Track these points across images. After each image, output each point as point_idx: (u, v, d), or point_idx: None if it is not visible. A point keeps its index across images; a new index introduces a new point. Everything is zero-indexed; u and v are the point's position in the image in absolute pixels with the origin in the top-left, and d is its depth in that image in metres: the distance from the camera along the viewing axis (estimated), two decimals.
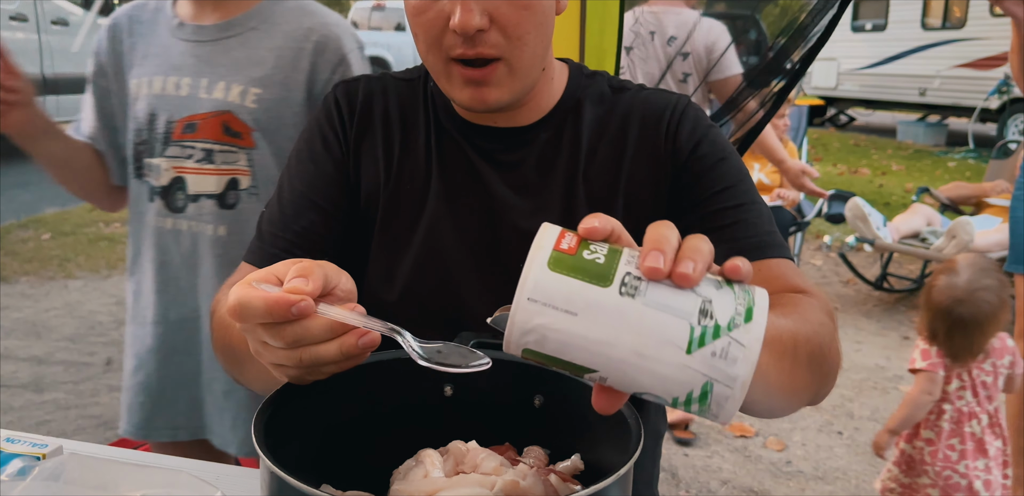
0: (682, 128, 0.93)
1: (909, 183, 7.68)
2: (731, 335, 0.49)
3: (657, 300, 0.50)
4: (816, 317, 0.77)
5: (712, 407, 0.51)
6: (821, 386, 0.79)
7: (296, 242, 0.93)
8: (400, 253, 0.95)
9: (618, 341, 0.50)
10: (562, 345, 0.51)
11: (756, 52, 3.02)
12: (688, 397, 0.51)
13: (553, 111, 0.95)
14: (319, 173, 0.96)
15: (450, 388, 0.78)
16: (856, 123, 13.33)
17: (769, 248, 0.87)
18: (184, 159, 1.34)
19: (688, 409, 0.52)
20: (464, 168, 0.95)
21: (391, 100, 0.99)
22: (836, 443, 2.88)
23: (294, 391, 0.69)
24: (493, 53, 0.83)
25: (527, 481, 0.65)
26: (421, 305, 0.94)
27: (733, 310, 0.50)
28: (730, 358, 0.49)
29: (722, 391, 0.50)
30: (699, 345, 0.49)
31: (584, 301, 0.50)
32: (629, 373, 0.51)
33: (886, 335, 4.04)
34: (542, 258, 0.51)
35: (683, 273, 0.50)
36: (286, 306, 0.58)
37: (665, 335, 0.49)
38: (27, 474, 0.56)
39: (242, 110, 1.32)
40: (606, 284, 0.50)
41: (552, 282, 0.50)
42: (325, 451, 0.73)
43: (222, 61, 1.34)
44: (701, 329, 0.49)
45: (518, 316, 0.51)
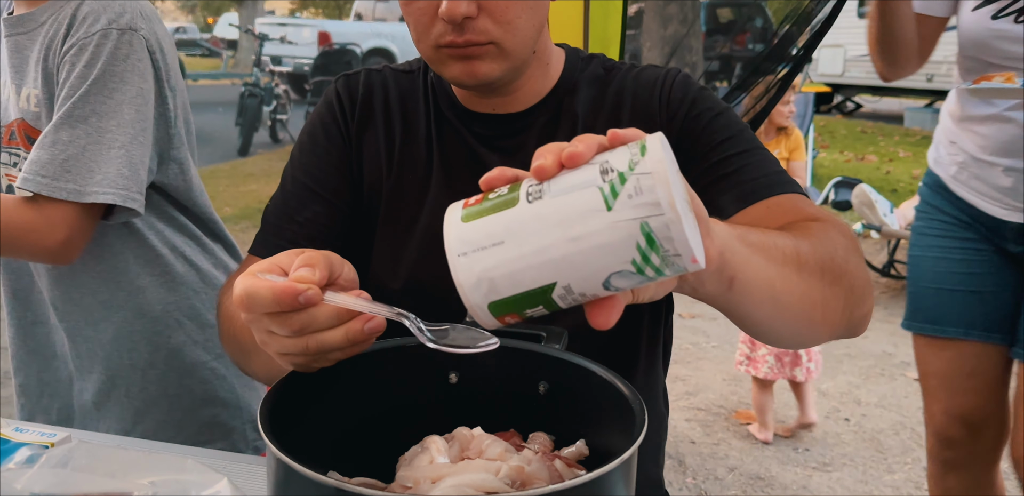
0: (674, 94, 0.93)
1: (916, 169, 7.64)
2: (635, 172, 0.49)
3: (560, 187, 0.51)
4: (826, 234, 0.76)
5: (666, 246, 0.49)
6: (851, 304, 0.76)
7: (301, 233, 0.94)
8: (404, 241, 0.96)
9: (550, 240, 0.50)
10: (511, 277, 0.51)
11: (762, 39, 3.01)
12: (641, 252, 0.50)
13: (550, 95, 0.96)
14: (322, 164, 0.97)
15: (455, 375, 0.78)
16: (863, 110, 13.26)
17: (779, 185, 0.86)
18: (10, 167, 1.24)
19: (653, 266, 0.50)
20: (465, 155, 0.96)
21: (391, 91, 1.00)
22: (843, 430, 2.89)
23: (299, 379, 0.69)
24: (482, 39, 0.83)
25: (532, 466, 0.65)
26: (426, 293, 0.94)
27: (629, 154, 0.50)
28: (645, 189, 0.49)
29: (658, 222, 0.48)
30: (614, 197, 0.49)
31: (503, 228, 0.51)
32: (579, 264, 0.51)
33: (893, 322, 4.01)
34: (454, 218, 0.53)
35: (570, 152, 0.51)
36: (293, 295, 0.58)
37: (582, 208, 0.50)
38: (35, 462, 0.57)
39: (30, 115, 1.20)
40: (514, 204, 0.52)
41: (469, 229, 0.52)
42: (331, 438, 0.73)
43: (14, 60, 1.22)
44: (608, 185, 0.50)
45: (460, 276, 0.52)
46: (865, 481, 2.54)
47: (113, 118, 1.11)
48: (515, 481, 0.64)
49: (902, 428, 2.90)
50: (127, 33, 1.12)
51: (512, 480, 0.64)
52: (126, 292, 1.23)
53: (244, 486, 0.62)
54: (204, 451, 0.88)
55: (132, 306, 1.24)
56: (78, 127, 1.10)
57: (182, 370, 1.26)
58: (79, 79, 1.11)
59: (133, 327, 1.24)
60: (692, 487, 2.52)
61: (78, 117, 1.10)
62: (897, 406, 3.08)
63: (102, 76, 1.11)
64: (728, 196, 0.86)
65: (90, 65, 1.11)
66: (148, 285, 1.23)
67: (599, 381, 0.71)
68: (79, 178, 1.09)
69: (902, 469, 2.61)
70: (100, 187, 1.10)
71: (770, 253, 0.66)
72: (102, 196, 1.10)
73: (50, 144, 1.10)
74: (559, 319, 0.90)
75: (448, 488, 0.62)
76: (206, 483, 0.58)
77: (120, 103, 1.12)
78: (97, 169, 1.09)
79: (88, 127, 1.10)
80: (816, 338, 0.79)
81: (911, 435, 2.84)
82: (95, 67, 1.11)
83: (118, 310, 1.24)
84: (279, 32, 10.58)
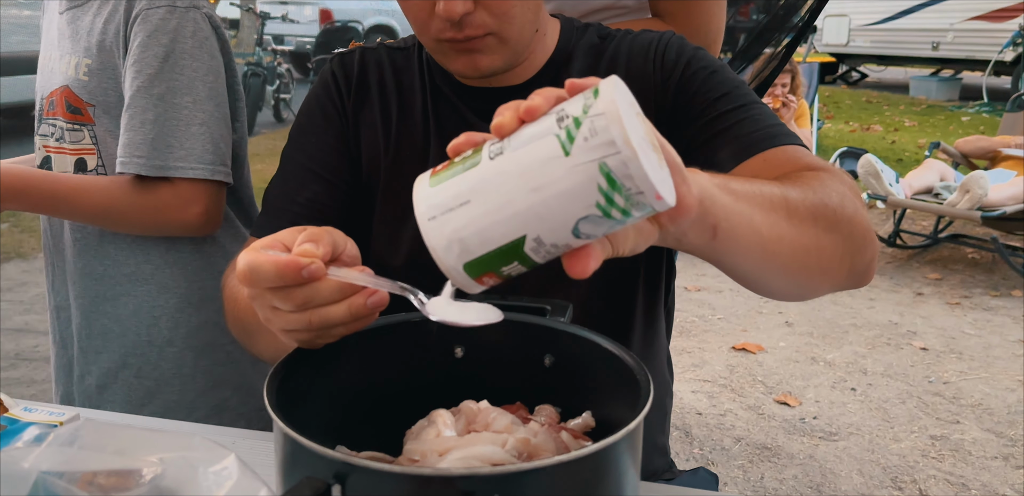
0: (668, 55, 0.92)
1: (922, 139, 7.59)
2: (589, 115, 0.48)
3: (519, 141, 0.51)
4: (820, 183, 0.74)
5: (627, 184, 0.48)
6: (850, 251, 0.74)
7: (302, 213, 0.94)
8: (404, 218, 0.95)
9: (513, 193, 0.50)
10: (480, 235, 0.51)
11: (766, 9, 2.97)
12: (604, 194, 0.49)
13: (545, 66, 0.95)
14: (320, 144, 0.97)
15: (461, 349, 0.78)
16: (868, 79, 13.14)
17: (776, 137, 0.84)
18: (49, 137, 1.26)
19: (619, 208, 0.49)
20: (462, 130, 0.95)
21: (386, 68, 0.99)
22: (849, 399, 2.90)
23: (305, 355, 0.69)
24: (481, 33, 0.83)
25: (538, 438, 0.66)
26: (427, 269, 0.93)
27: (583, 100, 0.50)
28: (600, 130, 0.48)
29: (616, 161, 0.48)
30: (570, 142, 0.49)
31: (468, 187, 0.51)
32: (545, 214, 0.50)
33: (899, 292, 4.03)
34: (423, 185, 0.54)
35: (528, 106, 0.51)
36: (297, 268, 0.58)
37: (542, 157, 0.49)
38: (43, 441, 0.57)
39: (76, 84, 1.21)
40: (478, 164, 0.52)
41: (436, 193, 0.53)
42: (338, 413, 0.73)
43: (67, 32, 1.24)
44: (564, 131, 0.49)
45: (431, 240, 0.52)
46: (872, 450, 2.55)
47: (188, 95, 1.14)
48: (522, 453, 0.64)
49: (908, 397, 2.91)
50: (191, 10, 1.15)
51: (519, 452, 0.64)
52: (154, 265, 1.24)
53: (252, 462, 0.62)
54: (211, 428, 0.89)
55: (157, 280, 1.24)
56: (158, 106, 1.13)
57: (199, 350, 1.26)
58: (151, 57, 1.13)
59: (156, 302, 1.24)
60: (699, 457, 2.54)
61: (156, 95, 1.13)
62: (903, 375, 3.09)
63: (172, 53, 1.13)
64: (725, 151, 0.84)
65: (159, 43, 1.13)
66: (176, 261, 1.24)
67: (604, 353, 0.70)
68: (164, 155, 1.12)
69: (908, 438, 2.63)
70: (185, 162, 1.13)
71: (755, 200, 0.65)
72: (190, 171, 1.14)
73: (139, 125, 1.13)
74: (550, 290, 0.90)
75: (455, 461, 0.62)
76: (214, 459, 0.58)
77: (193, 80, 1.15)
78: (179, 145, 1.13)
79: (165, 105, 1.13)
80: (816, 288, 0.77)
81: (917, 404, 2.86)
82: (164, 45, 1.13)
83: (143, 284, 1.25)
84: (280, 10, 10.48)
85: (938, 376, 3.07)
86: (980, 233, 4.46)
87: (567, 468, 0.54)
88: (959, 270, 4.35)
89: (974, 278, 4.22)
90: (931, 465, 2.46)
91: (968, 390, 2.95)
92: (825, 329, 3.52)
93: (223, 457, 0.59)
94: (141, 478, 0.59)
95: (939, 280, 4.19)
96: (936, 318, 3.67)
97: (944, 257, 4.57)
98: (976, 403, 2.86)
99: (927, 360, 3.22)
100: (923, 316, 3.69)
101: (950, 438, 2.62)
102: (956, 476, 2.40)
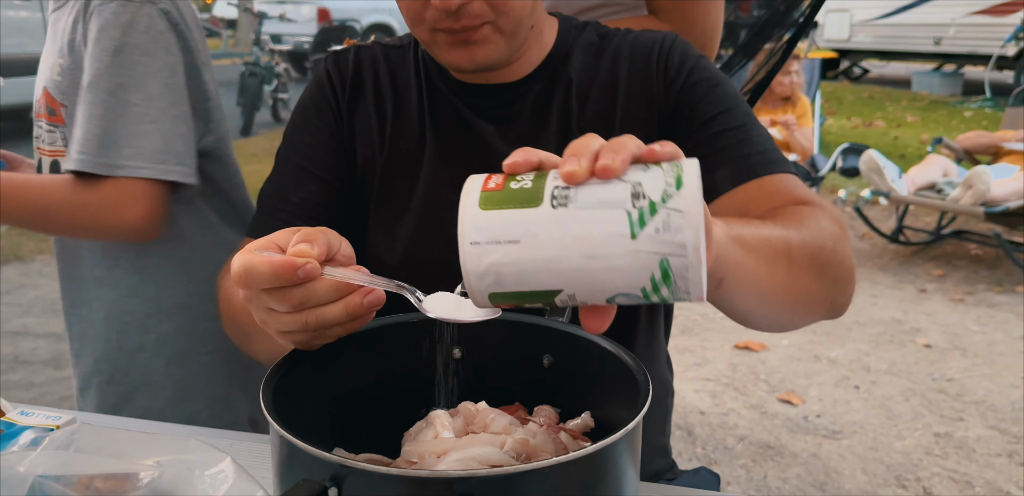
0: (671, 60, 0.92)
1: (925, 134, 7.57)
2: (667, 206, 0.49)
3: (588, 200, 0.50)
4: (816, 223, 0.77)
5: (679, 283, 0.50)
6: (833, 292, 0.79)
7: (296, 213, 0.94)
8: (399, 216, 0.95)
9: (566, 252, 0.50)
10: (519, 276, 0.51)
11: (767, 5, 2.96)
12: (653, 283, 0.50)
13: (543, 64, 0.95)
14: (314, 143, 0.97)
15: (459, 350, 0.78)
16: (870, 75, 13.11)
17: (773, 164, 0.86)
18: (38, 140, 1.24)
19: (660, 296, 0.51)
20: (459, 127, 0.95)
21: (381, 66, 0.99)
22: (853, 397, 2.89)
23: (302, 356, 0.69)
24: (478, 23, 0.83)
25: (537, 439, 0.65)
26: (424, 267, 0.94)
27: (663, 183, 0.50)
28: (674, 228, 0.49)
29: (678, 263, 0.49)
30: (640, 226, 0.49)
31: (522, 226, 0.51)
32: (590, 280, 0.51)
33: (903, 288, 4.02)
34: (472, 202, 0.52)
35: (604, 165, 0.50)
36: (292, 269, 0.58)
37: (606, 229, 0.50)
38: (39, 445, 0.57)
39: (52, 84, 1.18)
40: (537, 203, 0.51)
41: (487, 219, 0.51)
42: (336, 415, 0.73)
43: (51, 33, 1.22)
44: (638, 211, 0.49)
45: (468, 263, 0.52)
46: (875, 448, 2.55)
47: (140, 91, 1.10)
48: (520, 454, 0.64)
49: (912, 395, 2.90)
50: (146, 6, 1.11)
51: (517, 453, 0.64)
52: (123, 270, 1.21)
53: (248, 464, 0.62)
54: (207, 430, 0.88)
55: (127, 285, 1.21)
56: (106, 101, 1.09)
57: (169, 358, 1.23)
58: (101, 51, 1.10)
59: (125, 307, 1.21)
60: (702, 457, 2.54)
61: (105, 90, 1.09)
62: (907, 373, 3.08)
63: (123, 48, 1.09)
64: (724, 172, 0.86)
65: (110, 37, 1.10)
66: (147, 266, 1.21)
67: (603, 353, 0.70)
68: (111, 152, 1.08)
69: (912, 436, 2.62)
70: (133, 161, 1.09)
71: (761, 251, 0.67)
72: (137, 171, 1.09)
73: (86, 121, 1.09)
74: None
75: (453, 462, 0.62)
76: (210, 462, 0.58)
77: (145, 76, 1.11)
78: (128, 143, 1.09)
79: (115, 100, 1.09)
80: (795, 323, 0.81)
81: (921, 401, 2.85)
82: (115, 39, 1.09)
83: (112, 288, 1.22)
84: (278, 10, 10.48)
85: (942, 373, 3.07)
86: (983, 229, 4.44)
87: (565, 469, 0.54)
88: (963, 266, 4.34)
89: (978, 274, 4.21)
90: (935, 463, 2.46)
91: (972, 387, 2.95)
92: (828, 327, 3.51)
93: (219, 460, 0.58)
94: (138, 481, 0.59)
95: (942, 276, 4.18)
96: (940, 315, 3.66)
97: (947, 253, 4.56)
98: (980, 400, 2.85)
99: (931, 357, 3.21)
100: (927, 313, 3.68)
101: (954, 435, 2.61)
102: (960, 474, 2.39)
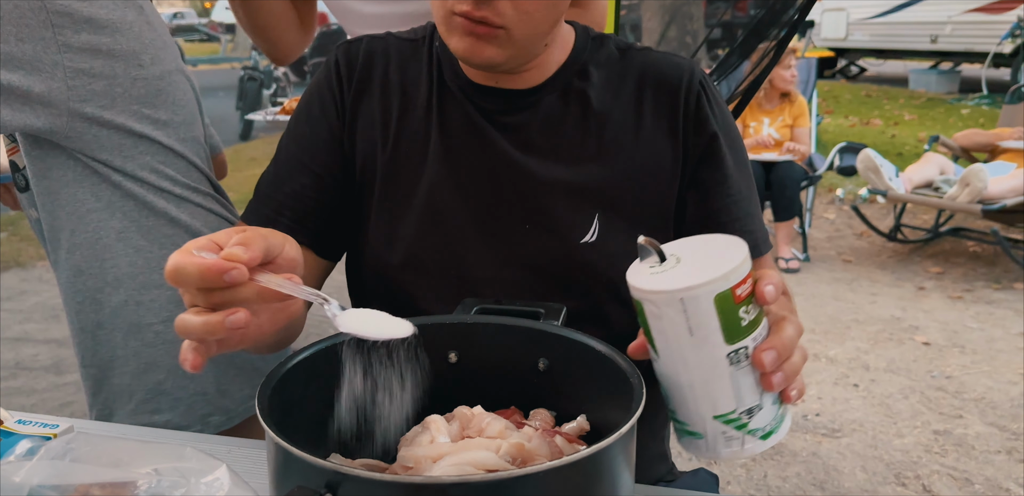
0: (702, 109, 0.94)
1: (922, 132, 7.58)
2: (745, 437, 0.63)
3: (738, 378, 0.62)
4: None
5: (684, 443, 0.66)
6: None
7: (286, 203, 0.94)
8: (401, 216, 0.94)
9: (689, 370, 0.62)
10: (661, 331, 0.62)
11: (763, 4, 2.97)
12: (683, 427, 0.65)
13: (557, 74, 0.94)
14: (313, 136, 0.96)
15: (454, 354, 0.78)
16: (867, 74, 13.11)
17: (763, 245, 0.98)
18: None
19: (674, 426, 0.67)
20: (466, 129, 0.94)
21: (392, 60, 0.97)
22: (852, 395, 2.89)
23: (297, 363, 0.69)
24: (498, 21, 0.81)
25: (532, 443, 0.66)
26: (424, 267, 0.94)
27: (763, 424, 0.64)
28: (730, 447, 0.64)
29: (699, 448, 0.65)
30: (724, 422, 0.63)
31: (703, 336, 0.60)
32: (670, 381, 0.64)
33: (901, 286, 4.02)
34: (718, 286, 0.59)
35: (788, 395, 0.65)
36: (219, 272, 0.58)
37: (715, 397, 0.62)
38: (35, 454, 0.57)
39: None
40: (728, 341, 0.61)
41: (703, 307, 0.60)
42: (332, 420, 0.73)
43: None
44: (737, 417, 0.63)
45: (674, 292, 0.60)
46: (875, 446, 2.55)
47: None
48: (516, 458, 0.64)
49: (911, 392, 2.90)
50: None
51: (513, 457, 0.64)
52: (65, 250, 1.20)
53: (244, 471, 0.62)
54: (203, 437, 0.88)
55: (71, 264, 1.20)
56: None
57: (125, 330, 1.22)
58: None
59: (75, 286, 1.20)
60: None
61: None
62: (906, 370, 3.08)
63: None
64: None
65: None
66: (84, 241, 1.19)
67: (598, 356, 0.70)
68: None
69: (912, 433, 2.62)
70: None
71: None
72: None
73: None
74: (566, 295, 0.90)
75: (449, 467, 0.62)
76: (205, 470, 0.58)
77: None
78: None
79: None
80: None
81: (920, 399, 2.85)
82: None
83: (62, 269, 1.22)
84: None
85: (941, 371, 3.07)
86: (981, 226, 4.44)
87: (560, 473, 0.54)
88: (961, 264, 4.34)
89: (976, 271, 4.21)
90: (935, 460, 2.46)
91: (971, 384, 2.95)
92: (827, 325, 3.52)
93: (215, 468, 0.59)
94: (136, 490, 0.59)
95: (941, 274, 4.18)
96: (938, 312, 3.66)
97: (945, 251, 4.56)
98: (979, 397, 2.85)
99: (930, 355, 3.21)
100: (925, 310, 3.69)
101: (953, 433, 2.61)
102: (960, 471, 2.39)
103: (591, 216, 0.91)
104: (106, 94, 1.11)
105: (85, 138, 1.12)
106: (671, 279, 0.61)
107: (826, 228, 5.10)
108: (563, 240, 0.91)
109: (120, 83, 1.12)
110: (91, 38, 1.09)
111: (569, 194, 0.91)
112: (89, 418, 1.27)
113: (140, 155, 1.18)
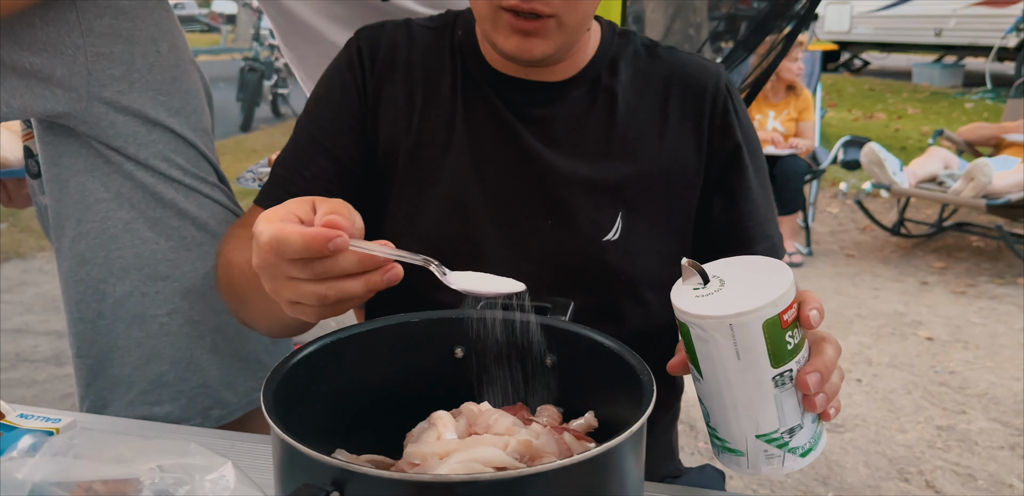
0: (728, 116, 0.94)
1: (926, 126, 7.55)
2: (786, 454, 0.65)
3: (782, 399, 0.64)
4: None
5: (724, 459, 0.68)
6: None
7: (306, 188, 0.93)
8: (420, 204, 0.93)
9: (733, 392, 0.63)
10: (707, 354, 0.63)
11: None
12: (724, 445, 0.67)
13: (586, 69, 0.93)
14: (334, 120, 0.95)
15: (461, 350, 0.77)
16: (871, 67, 13.07)
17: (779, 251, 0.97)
18: None
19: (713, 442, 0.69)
20: (491, 120, 0.93)
21: (416, 47, 0.96)
22: (855, 390, 2.89)
23: (302, 357, 0.68)
24: (548, 11, 0.80)
25: (540, 440, 0.65)
26: (441, 257, 0.92)
27: (803, 443, 0.66)
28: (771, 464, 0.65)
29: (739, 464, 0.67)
30: (766, 441, 0.65)
31: (750, 360, 0.62)
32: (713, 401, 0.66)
33: (904, 281, 4.01)
34: (767, 313, 0.60)
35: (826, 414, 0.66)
36: (324, 241, 0.59)
37: (758, 417, 0.64)
38: (37, 450, 0.56)
39: None
40: (775, 365, 0.62)
41: (752, 332, 0.61)
42: (338, 416, 0.72)
43: None
44: (779, 436, 0.64)
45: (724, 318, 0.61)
46: (878, 441, 2.55)
47: None
48: (524, 455, 0.63)
49: (914, 387, 2.90)
50: None
51: (520, 454, 0.63)
52: (69, 238, 1.19)
53: (249, 467, 0.61)
54: (207, 431, 0.88)
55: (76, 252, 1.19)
56: None
57: (129, 321, 1.21)
58: None
59: (78, 276, 1.19)
60: (704, 451, 2.53)
61: None
62: (909, 365, 3.07)
63: None
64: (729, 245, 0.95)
65: None
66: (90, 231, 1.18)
67: (607, 352, 0.70)
68: None
69: (915, 428, 2.62)
70: None
71: None
72: None
73: None
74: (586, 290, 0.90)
75: (455, 464, 0.61)
76: (210, 466, 0.57)
77: None
78: None
79: None
80: None
81: (923, 394, 2.84)
82: None
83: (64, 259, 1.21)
84: None
85: (944, 366, 3.06)
86: (985, 221, 4.43)
87: (570, 472, 0.53)
88: (964, 258, 4.33)
89: (979, 266, 4.20)
90: (937, 456, 2.45)
91: (974, 379, 2.94)
92: (830, 319, 3.51)
93: (220, 465, 0.58)
94: (139, 486, 0.58)
95: (944, 269, 4.17)
96: (941, 307, 3.65)
97: (949, 245, 4.55)
98: (982, 392, 2.84)
99: (933, 350, 3.21)
100: (928, 305, 3.68)
101: (956, 428, 2.61)
102: (963, 466, 2.39)
103: (615, 214, 0.91)
104: (124, 79, 1.11)
105: (102, 124, 1.12)
106: (719, 304, 0.61)
107: (829, 222, 5.09)
108: (586, 237, 0.91)
109: (138, 69, 1.12)
110: (113, 22, 1.08)
111: (592, 191, 0.91)
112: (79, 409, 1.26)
113: (153, 143, 1.17)
